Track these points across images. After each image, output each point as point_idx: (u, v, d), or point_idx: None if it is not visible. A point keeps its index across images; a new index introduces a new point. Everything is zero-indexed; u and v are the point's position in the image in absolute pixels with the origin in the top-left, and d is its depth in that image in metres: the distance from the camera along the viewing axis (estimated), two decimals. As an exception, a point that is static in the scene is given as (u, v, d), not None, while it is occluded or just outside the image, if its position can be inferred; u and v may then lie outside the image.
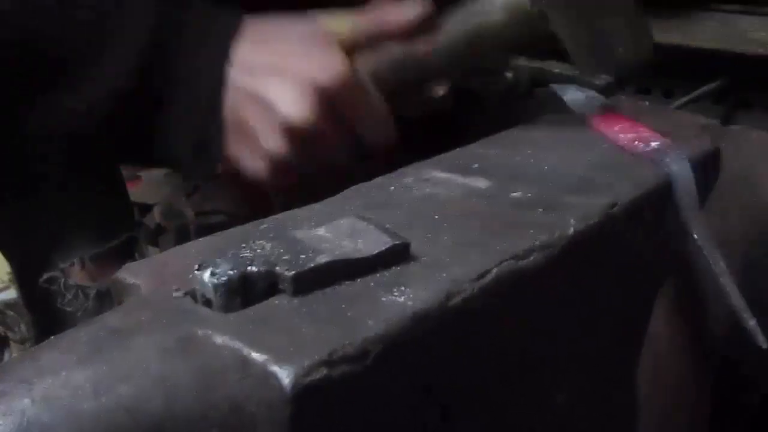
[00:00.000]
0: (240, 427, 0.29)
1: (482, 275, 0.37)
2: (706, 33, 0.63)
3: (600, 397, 0.53)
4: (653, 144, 0.54)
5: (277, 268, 0.34)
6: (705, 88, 0.55)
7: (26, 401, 0.28)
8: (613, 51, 0.56)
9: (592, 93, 0.59)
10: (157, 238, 1.49)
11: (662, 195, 0.51)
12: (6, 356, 1.20)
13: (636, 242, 0.51)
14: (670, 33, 0.63)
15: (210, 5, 0.56)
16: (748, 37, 0.61)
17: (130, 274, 0.38)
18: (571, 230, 0.43)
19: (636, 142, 0.54)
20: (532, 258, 0.40)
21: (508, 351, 0.40)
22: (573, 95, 0.59)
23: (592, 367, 0.51)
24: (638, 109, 0.62)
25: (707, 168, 0.57)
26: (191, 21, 0.54)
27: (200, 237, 0.42)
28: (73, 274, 0.62)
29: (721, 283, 0.50)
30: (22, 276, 0.72)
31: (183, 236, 1.00)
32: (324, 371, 0.29)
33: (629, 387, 0.56)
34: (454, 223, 0.43)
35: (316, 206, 0.46)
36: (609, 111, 0.59)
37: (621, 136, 0.55)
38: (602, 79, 0.59)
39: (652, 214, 0.52)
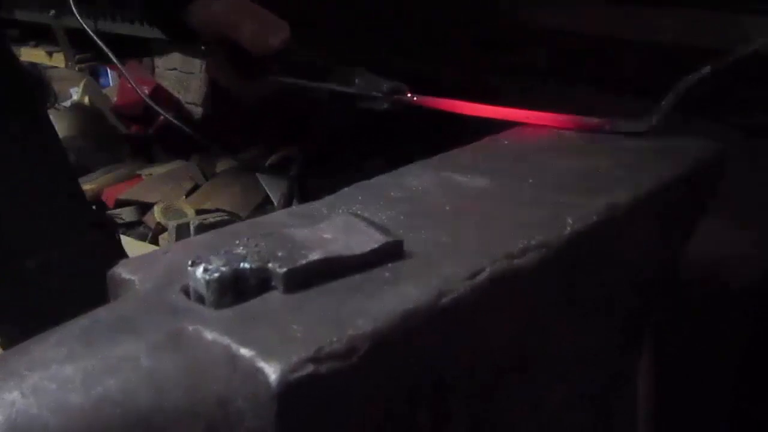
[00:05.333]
0: (227, 421, 0.30)
1: (475, 274, 0.37)
2: (705, 32, 0.63)
3: (596, 398, 0.53)
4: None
5: (270, 265, 0.34)
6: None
7: (16, 393, 0.28)
8: None
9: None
10: (157, 236, 1.50)
11: (662, 196, 0.51)
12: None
13: (634, 243, 0.51)
14: (669, 32, 0.63)
15: None
16: (748, 36, 0.61)
17: (125, 269, 0.38)
18: (568, 230, 0.43)
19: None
20: (527, 257, 0.40)
21: (501, 351, 0.40)
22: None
23: (588, 368, 0.50)
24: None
25: (708, 169, 0.57)
26: None
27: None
28: None
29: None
30: None
31: (183, 235, 1.02)
32: (311, 368, 0.29)
33: (627, 389, 0.56)
34: (449, 222, 0.43)
35: (313, 204, 0.46)
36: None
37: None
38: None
39: (651, 215, 0.51)
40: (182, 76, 2.04)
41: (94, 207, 0.92)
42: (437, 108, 0.63)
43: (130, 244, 1.49)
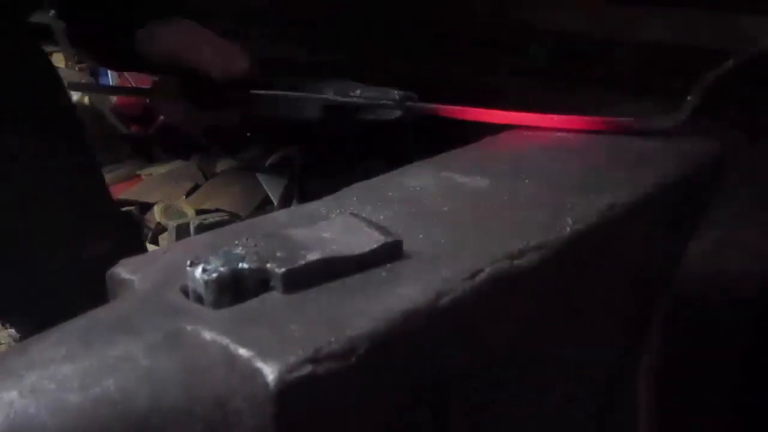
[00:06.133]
0: (225, 422, 0.29)
1: (475, 274, 0.37)
2: (705, 32, 0.62)
3: (597, 399, 0.53)
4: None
5: (269, 265, 0.34)
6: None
7: (14, 393, 0.28)
8: None
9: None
10: (157, 236, 1.50)
11: (662, 197, 0.51)
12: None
13: (634, 244, 0.51)
14: (670, 31, 0.62)
15: None
16: (748, 36, 0.61)
17: (125, 269, 0.38)
18: (568, 230, 0.43)
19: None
20: (526, 258, 0.40)
21: (502, 352, 0.40)
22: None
23: (588, 368, 0.50)
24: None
25: (709, 169, 0.57)
26: None
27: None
28: None
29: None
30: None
31: (183, 235, 1.02)
32: (309, 368, 0.29)
33: (628, 389, 0.56)
34: (449, 222, 0.43)
35: (313, 204, 0.46)
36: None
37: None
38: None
39: (651, 216, 0.51)
40: (182, 76, 2.04)
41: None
42: (450, 116, 0.60)
43: (130, 244, 1.49)
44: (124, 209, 1.61)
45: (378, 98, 0.63)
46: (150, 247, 1.45)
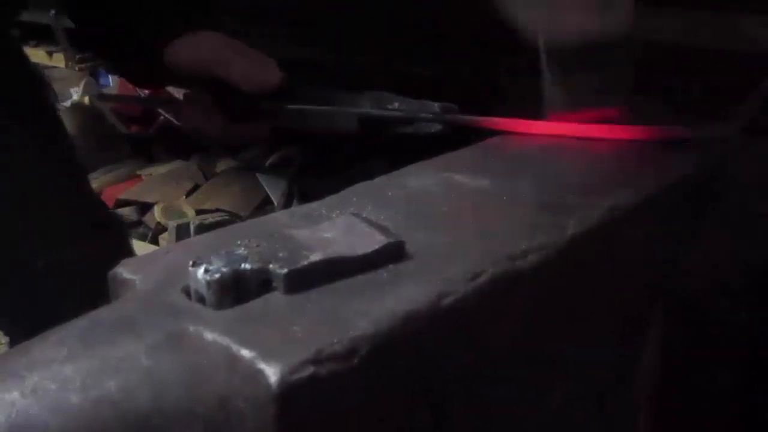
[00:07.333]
0: (227, 423, 0.29)
1: (476, 275, 0.37)
2: (705, 32, 0.62)
3: (597, 399, 0.53)
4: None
5: (271, 265, 0.34)
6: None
7: (16, 394, 0.28)
8: None
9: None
10: (157, 236, 1.50)
11: (663, 198, 0.51)
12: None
13: (636, 245, 0.51)
14: (671, 31, 0.62)
15: None
16: (749, 36, 0.61)
17: (127, 270, 0.38)
18: (569, 232, 0.43)
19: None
20: (528, 259, 0.40)
21: (502, 352, 0.40)
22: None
23: (588, 368, 0.50)
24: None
25: (710, 171, 0.57)
26: None
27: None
28: None
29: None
30: None
31: (183, 235, 1.01)
32: (311, 369, 0.29)
33: (627, 389, 0.56)
34: (451, 223, 0.43)
35: (314, 204, 0.46)
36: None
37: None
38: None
39: (652, 217, 0.51)
40: (182, 76, 2.03)
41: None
42: (491, 128, 0.58)
43: (130, 244, 1.49)
44: (123, 209, 1.61)
45: (417, 111, 0.61)
46: (150, 247, 1.45)
